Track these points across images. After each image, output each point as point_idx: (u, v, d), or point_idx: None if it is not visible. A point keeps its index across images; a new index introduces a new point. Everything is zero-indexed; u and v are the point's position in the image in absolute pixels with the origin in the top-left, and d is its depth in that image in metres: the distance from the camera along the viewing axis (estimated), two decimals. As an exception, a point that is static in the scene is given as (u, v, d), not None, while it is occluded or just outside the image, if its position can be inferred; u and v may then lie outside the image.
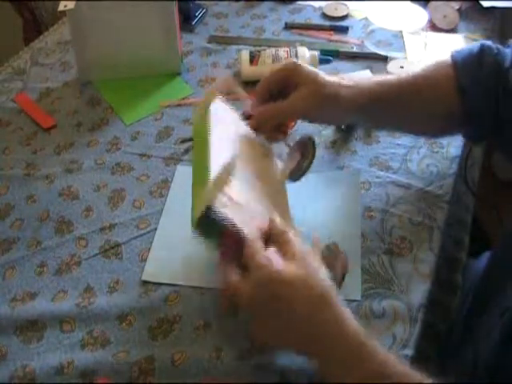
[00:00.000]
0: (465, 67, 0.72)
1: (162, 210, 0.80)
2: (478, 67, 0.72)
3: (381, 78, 0.75)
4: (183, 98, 1.00)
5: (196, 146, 0.69)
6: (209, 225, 0.58)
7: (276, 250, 0.57)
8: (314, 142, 0.74)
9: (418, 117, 0.75)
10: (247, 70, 0.99)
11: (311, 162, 0.73)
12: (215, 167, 0.61)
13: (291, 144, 0.76)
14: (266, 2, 1.23)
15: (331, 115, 0.75)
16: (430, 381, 0.50)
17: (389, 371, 0.51)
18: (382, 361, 0.52)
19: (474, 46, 0.74)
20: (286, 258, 0.56)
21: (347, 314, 0.55)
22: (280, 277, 0.54)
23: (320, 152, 0.79)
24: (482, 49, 0.73)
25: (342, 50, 1.06)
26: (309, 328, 0.54)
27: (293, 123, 0.85)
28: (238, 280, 0.57)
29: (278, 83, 0.73)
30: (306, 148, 0.74)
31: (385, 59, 1.04)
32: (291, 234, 0.58)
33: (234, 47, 1.10)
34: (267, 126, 0.73)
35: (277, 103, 0.72)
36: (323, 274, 0.56)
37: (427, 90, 0.73)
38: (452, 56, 0.74)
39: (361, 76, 0.99)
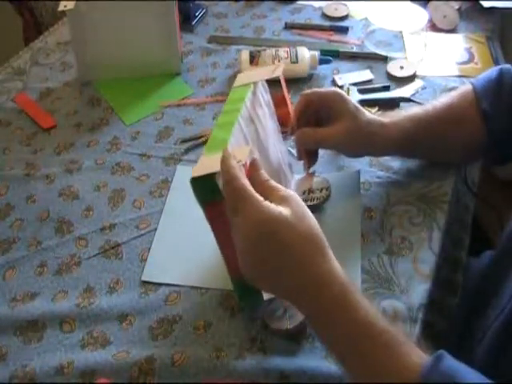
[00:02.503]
0: (485, 91, 0.75)
1: (162, 210, 0.80)
2: (498, 90, 0.74)
3: (411, 112, 0.77)
4: (183, 98, 1.00)
5: (226, 110, 0.68)
6: (202, 190, 0.57)
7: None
8: (329, 193, 0.78)
9: (447, 147, 0.78)
10: (247, 70, 0.99)
11: (316, 206, 0.76)
12: (233, 141, 0.61)
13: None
14: (266, 2, 1.23)
15: (367, 152, 0.79)
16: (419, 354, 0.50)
17: (372, 324, 0.51)
18: (366, 314, 0.51)
19: (493, 70, 0.77)
20: (276, 203, 0.54)
21: (336, 262, 0.53)
22: (275, 215, 0.52)
23: (320, 152, 0.79)
24: (501, 72, 0.75)
25: (342, 50, 1.06)
26: (300, 269, 0.52)
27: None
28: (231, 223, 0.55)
29: (319, 107, 0.74)
30: (320, 191, 0.78)
31: (385, 59, 1.04)
32: (273, 182, 0.56)
33: (234, 47, 1.10)
34: (302, 149, 0.75)
35: (317, 130, 0.74)
36: (313, 219, 0.55)
37: (453, 121, 0.75)
38: (472, 83, 0.77)
39: (362, 76, 1.00)
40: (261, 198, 0.53)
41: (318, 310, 0.53)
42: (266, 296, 0.62)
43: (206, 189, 0.56)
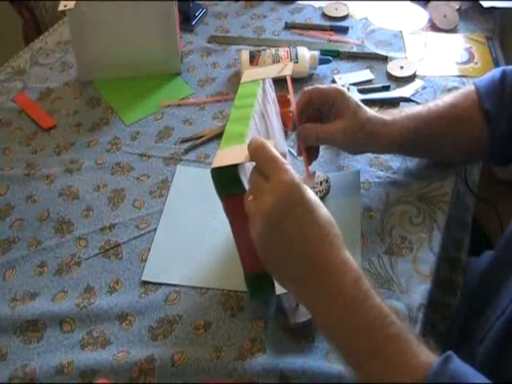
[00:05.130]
0: (487, 92, 0.75)
1: (162, 210, 0.80)
2: (501, 91, 0.74)
3: (413, 110, 0.77)
4: (183, 98, 1.00)
5: (237, 105, 0.68)
6: (223, 182, 0.56)
7: None
8: (329, 185, 0.79)
9: (448, 147, 0.78)
10: (247, 70, 0.99)
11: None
12: (250, 135, 0.61)
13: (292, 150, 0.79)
14: (266, 2, 1.23)
15: (367, 150, 0.79)
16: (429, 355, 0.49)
17: (386, 315, 0.50)
18: (381, 304, 0.50)
19: (496, 71, 0.77)
20: None
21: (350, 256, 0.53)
22: (304, 188, 0.52)
23: (320, 152, 0.79)
24: (504, 74, 0.75)
25: (342, 50, 1.06)
26: (322, 245, 0.52)
27: (290, 115, 0.85)
28: (259, 184, 0.54)
29: (321, 103, 0.74)
30: (320, 184, 0.79)
31: (385, 59, 1.04)
32: None
33: (234, 47, 1.10)
34: (303, 145, 0.75)
35: (318, 126, 0.74)
36: None
37: (455, 120, 0.75)
38: (475, 84, 0.77)
39: (362, 76, 1.00)
40: (292, 169, 0.53)
41: (334, 292, 0.51)
42: (278, 291, 0.62)
43: (227, 180, 0.56)
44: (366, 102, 0.91)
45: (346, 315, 0.51)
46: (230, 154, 0.57)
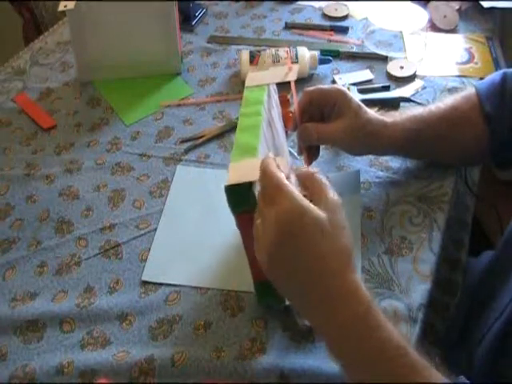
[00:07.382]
0: (488, 95, 0.75)
1: (162, 210, 0.80)
2: (501, 93, 0.74)
3: (414, 112, 0.77)
4: (183, 98, 1.00)
5: (245, 113, 0.67)
6: (237, 199, 0.56)
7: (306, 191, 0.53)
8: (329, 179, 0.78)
9: (448, 149, 0.78)
10: (247, 70, 0.99)
11: None
12: (263, 146, 0.61)
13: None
14: (266, 2, 1.23)
15: (368, 151, 0.78)
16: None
17: (389, 353, 0.49)
18: (385, 339, 0.49)
19: (497, 74, 0.77)
20: (318, 202, 0.52)
21: (361, 284, 0.52)
22: (312, 214, 0.50)
23: (320, 152, 0.79)
24: (504, 77, 0.75)
25: (342, 50, 1.06)
26: (324, 278, 0.51)
27: (290, 115, 0.85)
28: (263, 206, 0.52)
29: (322, 103, 0.74)
30: None
31: (385, 59, 1.04)
32: (323, 177, 0.54)
33: (234, 47, 1.10)
34: (304, 144, 0.75)
35: (318, 126, 0.74)
36: (349, 233, 0.53)
37: (456, 123, 0.75)
38: (475, 87, 0.77)
39: (362, 76, 1.00)
40: (299, 194, 0.51)
41: (337, 325, 0.51)
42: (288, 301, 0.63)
43: (241, 197, 0.56)
44: (366, 102, 0.91)
45: (347, 348, 0.51)
46: (244, 169, 0.57)
